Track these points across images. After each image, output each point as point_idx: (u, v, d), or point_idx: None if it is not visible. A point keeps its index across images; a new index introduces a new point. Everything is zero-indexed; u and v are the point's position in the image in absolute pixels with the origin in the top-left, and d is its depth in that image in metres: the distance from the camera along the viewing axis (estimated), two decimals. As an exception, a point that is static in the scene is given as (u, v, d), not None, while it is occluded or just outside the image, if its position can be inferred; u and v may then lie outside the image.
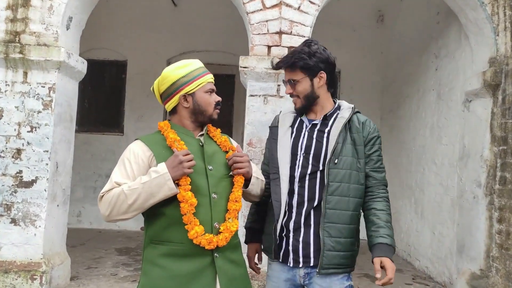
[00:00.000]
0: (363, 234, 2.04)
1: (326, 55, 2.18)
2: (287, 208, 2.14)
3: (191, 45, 8.02)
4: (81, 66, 4.43)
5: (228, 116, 8.09)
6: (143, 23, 8.01)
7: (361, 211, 2.14)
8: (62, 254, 4.35)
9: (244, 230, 2.41)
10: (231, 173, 2.00)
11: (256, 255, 2.36)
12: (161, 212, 1.88)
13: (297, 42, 4.12)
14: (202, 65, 2.09)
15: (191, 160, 1.86)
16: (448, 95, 5.15)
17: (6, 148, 4.00)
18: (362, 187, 2.10)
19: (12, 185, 3.99)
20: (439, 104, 5.41)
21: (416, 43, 6.33)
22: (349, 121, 2.15)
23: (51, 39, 4.08)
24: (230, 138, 2.19)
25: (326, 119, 2.19)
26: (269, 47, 4.18)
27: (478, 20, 4.35)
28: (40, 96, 4.05)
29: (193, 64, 2.05)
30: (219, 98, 2.05)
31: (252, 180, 2.05)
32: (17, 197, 3.99)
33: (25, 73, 4.06)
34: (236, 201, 1.96)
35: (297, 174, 2.14)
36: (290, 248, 2.11)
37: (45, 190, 4.00)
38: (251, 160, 2.13)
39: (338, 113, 2.20)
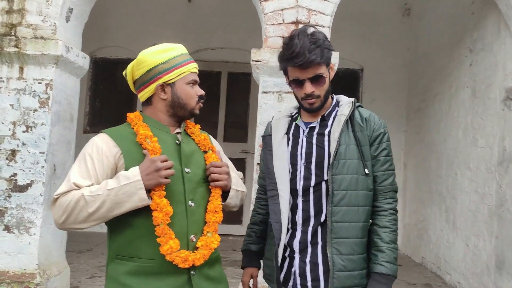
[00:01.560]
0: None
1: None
2: (289, 225, 1.87)
3: (205, 42, 7.67)
4: (83, 62, 4.11)
5: (243, 117, 7.71)
6: (156, 19, 7.71)
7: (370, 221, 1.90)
8: (60, 264, 4.04)
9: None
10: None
11: (251, 280, 2.04)
12: (127, 222, 1.64)
13: (316, 33, 3.71)
14: (186, 51, 1.86)
15: (169, 168, 1.62)
16: (485, 93, 4.65)
17: (0, 150, 3.71)
18: (371, 193, 1.84)
19: (6, 189, 3.70)
20: (474, 103, 4.91)
21: (447, 37, 5.83)
22: (351, 118, 1.88)
23: (49, 32, 3.77)
24: (211, 137, 1.96)
25: (324, 119, 1.90)
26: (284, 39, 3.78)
27: (522, 7, 3.87)
28: (37, 93, 3.75)
29: (175, 50, 1.80)
30: (202, 92, 1.84)
31: (231, 193, 1.82)
32: (11, 202, 3.69)
33: (21, 69, 3.76)
34: (215, 211, 1.73)
35: (299, 187, 1.86)
36: (296, 271, 1.84)
37: (40, 194, 3.70)
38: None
39: (337, 110, 1.92)
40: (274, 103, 3.78)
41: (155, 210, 1.61)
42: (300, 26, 3.77)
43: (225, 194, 1.82)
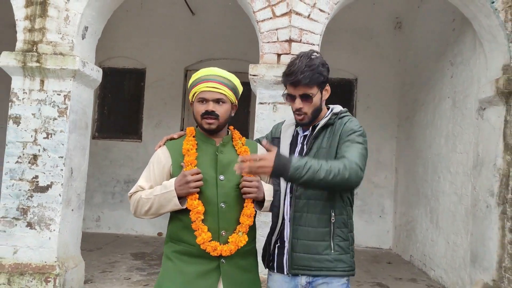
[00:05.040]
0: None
1: (328, 66, 2.14)
2: (281, 219, 2.15)
3: (208, 53, 8.12)
4: (96, 75, 4.55)
5: (244, 124, 8.15)
6: (161, 31, 8.16)
7: (332, 213, 2.07)
8: (76, 258, 4.46)
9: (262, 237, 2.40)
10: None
11: None
12: (177, 216, 2.04)
13: (306, 49, 4.14)
14: (210, 72, 2.08)
15: (199, 180, 1.97)
16: (463, 103, 5.08)
17: (23, 154, 4.14)
18: (326, 194, 2.06)
19: (28, 189, 4.13)
20: (454, 112, 5.33)
21: (432, 50, 6.26)
22: (332, 126, 2.12)
23: (67, 48, 4.22)
24: (260, 147, 2.21)
25: (314, 129, 2.17)
26: (278, 55, 4.22)
27: (492, 27, 4.29)
28: (56, 104, 4.18)
29: (200, 72, 2.09)
30: (208, 108, 2.04)
31: (266, 204, 2.08)
32: (33, 202, 4.12)
33: (42, 81, 4.20)
34: (249, 216, 2.03)
35: (289, 187, 2.14)
36: (285, 258, 2.12)
37: (59, 195, 4.12)
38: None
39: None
40: (269, 112, 4.21)
41: (190, 209, 1.98)
42: (293, 44, 4.22)
43: (260, 202, 2.08)
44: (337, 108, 2.21)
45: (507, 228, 3.89)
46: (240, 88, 2.18)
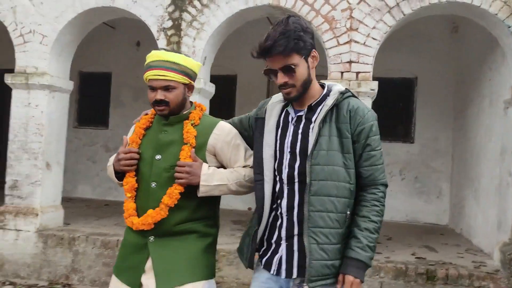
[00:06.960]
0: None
1: (312, 29, 1.91)
2: (279, 211, 1.94)
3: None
4: (211, 89, 6.40)
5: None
6: (247, 43, 9.88)
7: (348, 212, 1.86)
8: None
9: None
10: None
11: None
12: None
13: (363, 68, 5.63)
14: (158, 57, 1.98)
15: (131, 159, 2.01)
16: (496, 102, 6.26)
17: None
18: (352, 186, 1.85)
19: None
20: (490, 109, 6.52)
21: (478, 54, 7.39)
22: (337, 109, 1.86)
23: (193, 73, 6.08)
24: (221, 125, 2.10)
25: (311, 109, 1.91)
26: (341, 73, 5.74)
27: (511, 44, 5.49)
28: (187, 112, 6.06)
29: (149, 57, 2.03)
30: (157, 97, 1.97)
31: (202, 189, 1.97)
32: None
33: (177, 97, 6.09)
34: (170, 196, 1.98)
35: (284, 175, 1.90)
36: (283, 257, 1.92)
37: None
38: None
39: (327, 100, 1.91)
40: (335, 115, 5.76)
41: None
42: (353, 64, 5.73)
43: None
44: (336, 85, 1.96)
45: (517, 200, 5.16)
46: (194, 67, 2.06)
